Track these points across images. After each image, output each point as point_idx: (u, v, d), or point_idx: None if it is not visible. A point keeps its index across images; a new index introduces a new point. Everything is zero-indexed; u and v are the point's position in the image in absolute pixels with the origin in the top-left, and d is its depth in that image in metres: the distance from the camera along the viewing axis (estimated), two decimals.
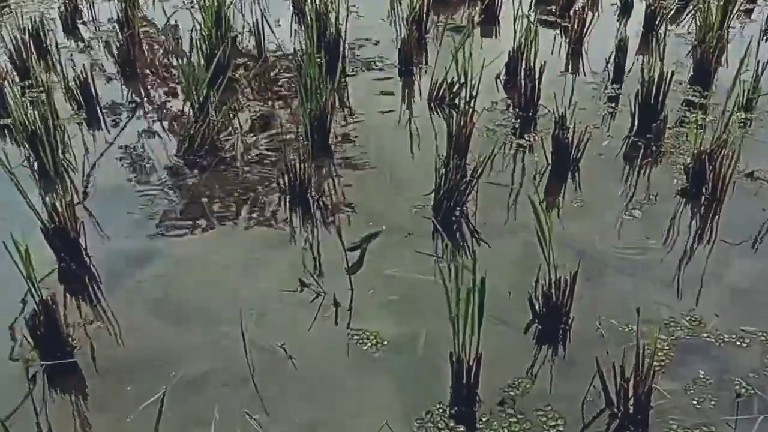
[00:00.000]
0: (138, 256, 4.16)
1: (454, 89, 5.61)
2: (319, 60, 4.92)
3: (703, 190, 4.54)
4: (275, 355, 3.48)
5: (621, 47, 6.04)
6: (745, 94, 5.33)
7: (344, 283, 3.85)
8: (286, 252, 4.18)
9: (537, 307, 3.60)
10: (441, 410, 3.18)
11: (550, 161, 4.84)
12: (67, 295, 3.90)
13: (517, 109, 5.52)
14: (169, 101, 5.95)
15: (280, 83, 6.17)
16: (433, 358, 3.39)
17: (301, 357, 3.47)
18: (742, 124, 5.16)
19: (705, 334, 3.53)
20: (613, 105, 5.69)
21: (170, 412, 3.21)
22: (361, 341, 3.54)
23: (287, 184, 4.61)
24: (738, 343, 3.48)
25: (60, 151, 4.96)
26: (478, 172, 4.37)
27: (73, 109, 5.71)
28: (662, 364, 3.33)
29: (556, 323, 3.55)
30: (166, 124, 5.58)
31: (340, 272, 3.91)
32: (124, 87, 6.17)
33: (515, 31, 5.72)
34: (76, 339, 3.56)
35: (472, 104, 4.79)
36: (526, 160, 5.01)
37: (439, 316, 3.23)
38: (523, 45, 5.62)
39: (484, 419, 3.15)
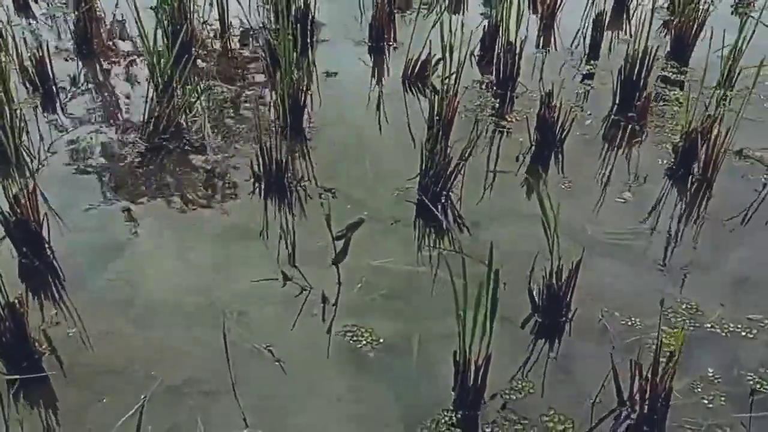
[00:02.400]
0: (104, 250, 3.77)
1: (431, 67, 5.27)
2: (290, 37, 4.54)
3: (693, 170, 4.31)
4: (260, 359, 3.15)
5: (596, 23, 5.76)
6: (726, 70, 5.09)
7: (329, 276, 3.52)
8: (264, 243, 3.84)
9: (537, 299, 3.32)
10: (446, 417, 2.88)
11: (533, 142, 4.55)
12: (30, 294, 3.49)
13: (495, 88, 5.22)
14: (131, 81, 5.51)
15: (247, 61, 5.76)
16: (431, 358, 3.10)
17: (289, 360, 3.15)
18: (723, 101, 4.93)
19: (708, 325, 3.29)
20: (591, 82, 5.42)
21: (150, 424, 2.86)
22: (354, 339, 3.23)
23: (262, 169, 4.25)
24: (744, 333, 3.26)
25: (17, 137, 4.50)
26: (467, 155, 4.06)
27: (28, 92, 5.23)
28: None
29: (556, 316, 3.28)
30: (128, 105, 5.14)
31: (323, 264, 3.59)
32: (82, 67, 5.70)
33: (490, 7, 5.40)
34: (42, 345, 3.18)
35: (454, 83, 4.46)
36: (509, 140, 4.72)
37: (434, 311, 2.94)
38: (498, 20, 5.30)
39: (487, 429, 2.85)
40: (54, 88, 5.30)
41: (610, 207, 4.06)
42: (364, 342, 3.22)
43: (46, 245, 3.70)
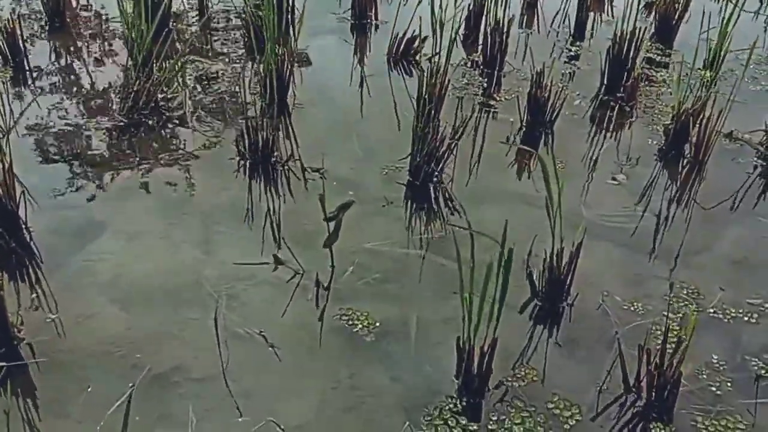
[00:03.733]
0: (83, 231, 3.56)
1: (416, 45, 5.10)
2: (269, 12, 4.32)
3: (685, 152, 4.20)
4: (252, 344, 2.98)
5: (581, 3, 5.64)
6: (711, 52, 4.99)
7: (321, 259, 3.35)
8: (252, 224, 3.65)
9: (536, 282, 3.19)
10: (450, 404, 2.74)
11: (524, 122, 4.41)
12: (7, 277, 3.26)
13: (482, 67, 5.06)
14: (108, 56, 5.24)
15: (229, 37, 5.53)
16: (430, 342, 2.96)
17: (283, 345, 2.98)
18: (711, 83, 4.83)
19: (711, 310, 3.19)
20: (578, 63, 5.29)
21: (138, 416, 2.67)
22: (349, 323, 3.07)
23: (247, 147, 4.05)
24: (746, 318, 3.16)
25: None
26: (459, 134, 3.90)
27: None
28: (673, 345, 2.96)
29: (557, 301, 3.15)
30: (106, 81, 4.88)
31: (313, 246, 3.42)
32: (55, 40, 5.42)
33: None
34: (21, 330, 2.96)
35: (443, 61, 4.29)
36: (498, 120, 4.57)
37: (430, 294, 2.79)
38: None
39: (493, 417, 2.71)
40: (26, 61, 5.02)
41: (603, 189, 3.94)
42: (360, 326, 3.06)
43: (23, 226, 3.47)
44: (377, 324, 3.06)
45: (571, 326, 3.10)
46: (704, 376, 2.87)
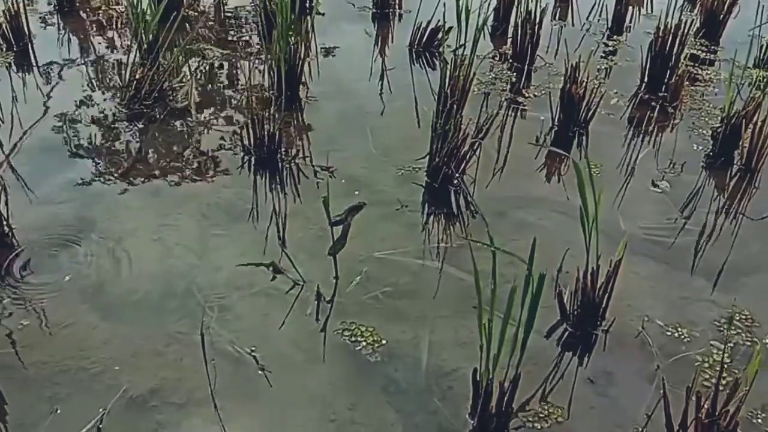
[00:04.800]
0: (71, 230, 3.22)
1: (440, 36, 4.70)
2: None
3: (735, 159, 3.76)
4: (242, 365, 2.61)
5: None
6: (763, 49, 4.54)
7: (325, 267, 2.97)
8: (253, 226, 3.29)
9: (567, 304, 2.78)
10: None
11: (555, 121, 4.00)
12: None
13: (511, 60, 4.65)
14: (113, 40, 4.92)
15: (241, 23, 5.17)
16: (442, 367, 2.57)
17: (276, 367, 2.61)
18: (762, 83, 4.38)
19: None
20: (615, 58, 4.85)
21: None
22: (352, 339, 2.69)
23: (252, 142, 3.68)
24: None
25: None
26: (483, 132, 3.50)
27: (1, 50, 4.63)
28: (725, 382, 2.54)
29: (590, 326, 2.74)
30: (108, 66, 4.55)
31: (318, 253, 3.05)
32: (60, 24, 5.09)
33: None
34: None
35: (470, 53, 3.88)
36: (527, 118, 4.16)
37: (445, 311, 2.42)
38: None
39: None
40: (30, 46, 4.71)
41: (644, 198, 3.51)
42: (365, 343, 2.68)
43: (4, 221, 3.13)
44: (383, 343, 2.68)
45: (605, 356, 2.69)
46: (759, 420, 2.45)
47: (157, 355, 2.66)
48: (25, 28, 4.75)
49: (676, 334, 2.74)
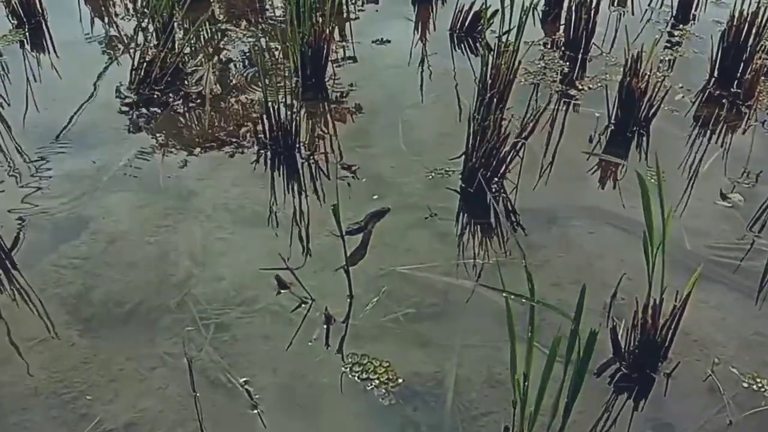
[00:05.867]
0: (60, 227, 2.92)
1: (485, 19, 4.28)
2: None
3: None
4: (234, 399, 2.26)
5: None
6: None
7: (338, 283, 2.61)
8: (260, 232, 2.94)
9: (621, 340, 2.37)
10: None
11: (612, 118, 3.57)
12: None
13: (563, 49, 4.21)
14: (127, 19, 4.60)
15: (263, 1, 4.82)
16: (470, 412, 2.19)
17: (272, 404, 2.25)
18: None
19: None
20: (681, 49, 4.37)
21: None
22: (364, 375, 2.33)
23: (268, 136, 3.33)
24: None
25: None
26: (529, 130, 3.08)
27: (12, 26, 4.37)
28: None
29: (649, 368, 2.32)
30: (121, 47, 4.24)
31: (331, 265, 2.69)
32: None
33: None
34: None
35: (515, 39, 3.47)
36: (579, 114, 3.73)
37: (477, 342, 2.05)
38: None
39: None
40: (43, 23, 4.44)
41: (712, 211, 3.06)
42: (377, 381, 2.31)
43: None
44: (400, 381, 2.30)
45: (667, 405, 2.28)
46: None
47: (140, 381, 2.34)
48: (38, 5, 4.48)
49: (753, 383, 2.31)
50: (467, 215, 3.04)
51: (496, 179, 3.11)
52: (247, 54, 4.16)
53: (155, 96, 3.74)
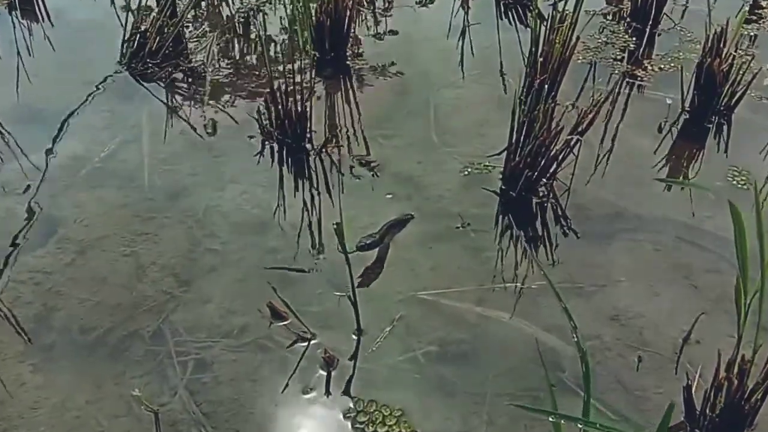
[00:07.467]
0: (23, 232, 2.58)
1: None
2: None
3: None
4: None
5: None
6: None
7: (344, 313, 2.22)
8: (258, 241, 2.56)
9: (696, 401, 1.94)
10: None
11: (687, 105, 3.10)
12: None
13: (628, 20, 3.73)
14: None
15: None
16: None
17: None
18: None
19: None
20: (766, 24, 3.86)
21: None
22: (370, 429, 1.95)
23: (274, 124, 2.94)
24: None
25: None
26: (586, 121, 2.64)
27: None
28: None
29: None
30: (112, 10, 3.87)
31: (344, 286, 2.30)
32: None
33: None
34: None
35: (573, 10, 3.01)
36: (647, 99, 3.27)
37: (514, 389, 1.71)
38: None
39: None
40: None
41: None
42: None
43: None
44: None
45: None
46: None
47: None
48: None
49: None
50: (506, 226, 2.62)
51: (544, 181, 2.68)
52: (261, 24, 3.77)
53: (149, 72, 3.37)
